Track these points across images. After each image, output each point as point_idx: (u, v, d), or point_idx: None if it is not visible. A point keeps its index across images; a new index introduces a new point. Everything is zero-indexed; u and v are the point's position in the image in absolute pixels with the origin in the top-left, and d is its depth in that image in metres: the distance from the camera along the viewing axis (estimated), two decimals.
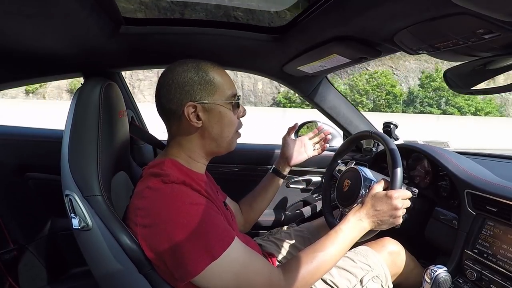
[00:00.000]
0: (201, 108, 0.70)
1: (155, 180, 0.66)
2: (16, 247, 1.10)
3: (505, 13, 0.44)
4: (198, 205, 0.63)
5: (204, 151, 0.75)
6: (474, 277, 0.82)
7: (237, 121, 0.77)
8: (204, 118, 0.71)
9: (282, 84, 1.33)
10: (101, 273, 0.72)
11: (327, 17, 0.72)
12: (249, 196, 1.07)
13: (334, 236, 0.75)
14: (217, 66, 0.73)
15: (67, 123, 0.75)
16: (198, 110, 0.70)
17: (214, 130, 0.72)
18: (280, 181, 1.07)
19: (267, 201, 1.07)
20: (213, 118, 0.71)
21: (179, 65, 0.71)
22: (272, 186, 1.07)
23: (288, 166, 1.07)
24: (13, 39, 0.74)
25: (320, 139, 1.11)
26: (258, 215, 1.07)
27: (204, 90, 0.69)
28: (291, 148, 1.06)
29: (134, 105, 1.31)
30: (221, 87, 0.71)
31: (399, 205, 0.76)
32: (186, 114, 0.69)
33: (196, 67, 0.70)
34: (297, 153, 1.06)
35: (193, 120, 0.70)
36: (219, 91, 0.71)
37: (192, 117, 0.69)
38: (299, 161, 1.07)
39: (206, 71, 0.70)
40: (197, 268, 0.59)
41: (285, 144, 1.07)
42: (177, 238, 0.60)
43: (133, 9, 0.82)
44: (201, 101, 0.69)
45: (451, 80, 0.75)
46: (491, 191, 0.83)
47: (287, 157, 1.06)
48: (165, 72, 0.72)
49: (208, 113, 0.71)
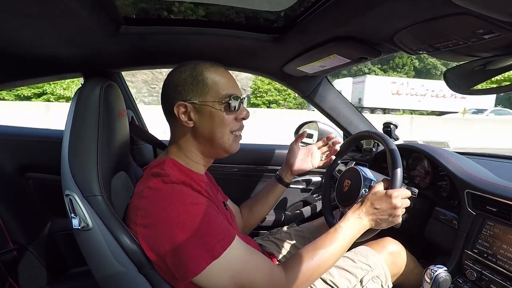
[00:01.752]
0: (192, 108, 0.70)
1: (156, 180, 0.66)
2: (16, 247, 1.10)
3: (505, 13, 0.44)
4: (198, 205, 0.64)
5: (200, 152, 0.75)
6: (474, 277, 0.82)
7: (232, 122, 0.73)
8: (195, 119, 0.70)
9: (282, 84, 1.32)
10: (101, 273, 0.72)
11: (327, 17, 0.72)
12: (250, 200, 1.07)
13: (333, 234, 0.76)
14: (216, 66, 0.73)
15: (67, 123, 0.75)
16: (189, 110, 0.70)
17: (205, 130, 0.72)
18: (282, 188, 1.05)
19: (268, 207, 1.05)
20: (203, 118, 0.71)
21: (180, 66, 0.73)
22: (273, 193, 1.04)
23: (291, 174, 1.04)
24: (13, 39, 0.74)
25: (329, 149, 1.06)
26: (257, 220, 1.05)
27: (195, 90, 0.69)
28: (296, 156, 1.03)
29: (134, 105, 1.31)
30: (214, 87, 0.70)
31: (399, 204, 0.76)
32: (177, 114, 0.69)
33: (192, 68, 0.71)
34: (302, 162, 1.03)
35: (183, 120, 0.70)
36: (211, 92, 0.70)
37: (183, 117, 0.70)
38: (303, 169, 1.03)
39: (201, 72, 0.70)
40: (197, 267, 0.59)
41: (290, 151, 1.04)
42: (177, 237, 0.60)
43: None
44: (191, 101, 0.69)
45: (451, 80, 0.75)
46: (491, 191, 0.83)
47: (291, 164, 1.03)
48: (169, 73, 0.74)
49: (199, 113, 0.70)
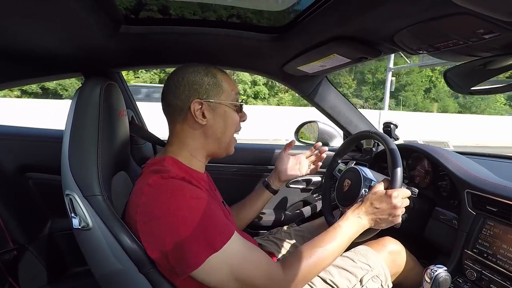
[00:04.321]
0: (207, 106, 0.73)
1: (155, 176, 0.66)
2: (16, 247, 1.10)
3: (505, 13, 0.44)
4: (198, 199, 0.64)
5: (206, 150, 0.78)
6: (474, 277, 0.82)
7: (239, 123, 0.80)
8: (209, 117, 0.74)
9: (282, 84, 1.32)
10: (101, 273, 0.72)
11: (327, 17, 0.72)
12: (239, 203, 1.08)
13: (333, 232, 0.76)
14: (223, 72, 0.78)
15: (67, 123, 0.75)
16: (204, 108, 0.73)
17: (218, 129, 0.75)
18: (269, 195, 1.07)
19: (254, 212, 1.07)
20: (218, 117, 0.75)
21: (190, 66, 0.75)
22: (261, 198, 1.06)
23: (279, 181, 1.07)
24: (13, 39, 0.74)
25: (316, 158, 1.10)
26: (244, 223, 1.06)
27: (211, 90, 0.74)
28: (285, 163, 1.07)
29: (134, 105, 1.31)
30: (228, 90, 0.76)
31: (399, 204, 0.76)
32: (192, 110, 0.72)
33: (205, 70, 0.75)
34: (290, 170, 1.07)
35: (198, 117, 0.72)
36: (225, 93, 0.75)
37: (198, 114, 0.72)
38: (291, 177, 1.07)
39: (215, 74, 0.75)
40: (197, 260, 0.60)
41: (280, 159, 1.08)
42: (178, 231, 0.60)
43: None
44: (207, 100, 0.73)
45: (451, 80, 0.75)
46: (491, 191, 0.83)
47: (279, 171, 1.07)
48: (175, 71, 0.76)
49: (213, 111, 0.74)
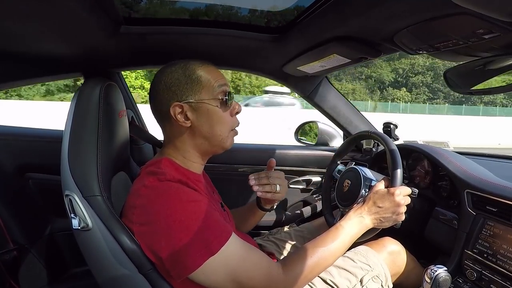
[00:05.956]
0: (188, 107, 0.69)
1: (151, 178, 0.66)
2: (16, 247, 1.10)
3: (505, 13, 0.44)
4: (194, 202, 0.64)
5: (198, 150, 0.75)
6: (474, 277, 0.82)
7: (230, 118, 0.74)
8: (192, 118, 0.70)
9: (282, 84, 1.33)
10: (101, 273, 0.72)
11: (327, 17, 0.72)
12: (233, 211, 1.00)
13: (334, 232, 0.76)
14: (207, 64, 0.72)
15: (67, 123, 0.75)
16: (185, 110, 0.69)
17: (204, 128, 0.71)
18: (262, 213, 0.99)
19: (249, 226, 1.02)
20: (201, 116, 0.70)
21: (169, 66, 0.71)
22: (253, 217, 1.00)
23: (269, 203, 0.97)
24: (13, 39, 0.74)
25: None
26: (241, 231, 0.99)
27: (190, 89, 0.69)
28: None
29: (134, 105, 1.31)
30: (208, 85, 0.70)
31: (402, 201, 0.76)
32: (173, 115, 0.69)
33: (183, 67, 0.70)
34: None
35: (180, 120, 0.69)
36: (206, 89, 0.70)
37: (180, 117, 0.69)
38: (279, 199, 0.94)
39: (193, 70, 0.70)
40: (195, 263, 0.59)
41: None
42: (174, 235, 0.60)
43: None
44: (187, 101, 0.69)
45: (451, 80, 0.75)
46: (491, 191, 0.83)
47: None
48: (156, 74, 0.73)
49: (196, 112, 0.70)
